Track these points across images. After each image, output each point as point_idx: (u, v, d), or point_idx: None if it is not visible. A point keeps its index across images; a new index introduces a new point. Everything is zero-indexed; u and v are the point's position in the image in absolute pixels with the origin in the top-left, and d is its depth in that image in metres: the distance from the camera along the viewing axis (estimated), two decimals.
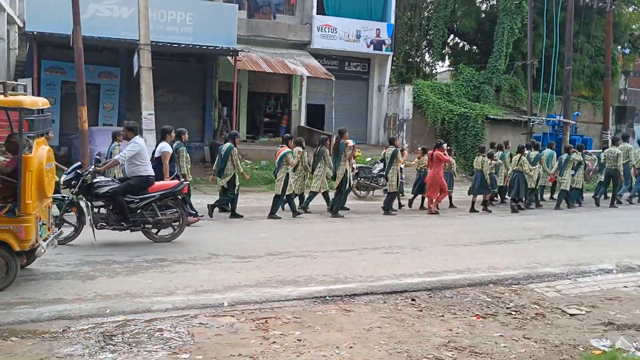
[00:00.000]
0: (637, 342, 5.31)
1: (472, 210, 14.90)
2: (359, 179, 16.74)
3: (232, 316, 5.78)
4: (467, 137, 24.27)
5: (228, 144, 12.63)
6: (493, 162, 15.26)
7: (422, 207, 15.11)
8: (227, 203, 12.64)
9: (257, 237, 10.28)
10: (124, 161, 9.33)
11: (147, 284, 6.78)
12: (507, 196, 16.22)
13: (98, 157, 10.07)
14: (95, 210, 9.13)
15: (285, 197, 12.90)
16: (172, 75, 21.84)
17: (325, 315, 5.92)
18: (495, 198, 16.36)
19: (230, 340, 5.12)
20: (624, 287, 7.59)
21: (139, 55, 15.66)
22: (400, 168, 14.53)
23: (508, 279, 7.71)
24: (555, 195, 17.15)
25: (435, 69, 33.80)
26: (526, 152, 15.63)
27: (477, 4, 32.37)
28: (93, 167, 9.33)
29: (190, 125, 22.68)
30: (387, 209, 13.87)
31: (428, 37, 31.70)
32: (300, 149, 13.52)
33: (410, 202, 15.34)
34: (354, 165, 15.47)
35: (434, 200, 14.31)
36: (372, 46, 25.81)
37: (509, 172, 15.63)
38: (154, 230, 9.47)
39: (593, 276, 8.14)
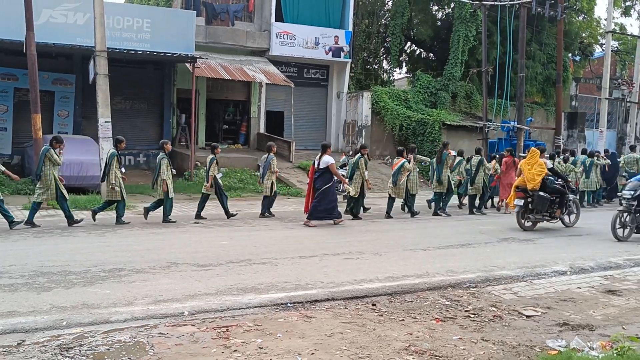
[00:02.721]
0: (591, 342, 5.45)
1: None
2: None
3: (192, 325, 5.73)
4: (424, 143, 24.64)
5: (358, 155, 14.44)
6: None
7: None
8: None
9: (217, 244, 10.21)
10: None
11: (105, 295, 6.66)
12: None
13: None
14: None
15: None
16: (129, 82, 21.57)
17: (286, 322, 5.91)
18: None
19: (191, 349, 5.07)
20: (578, 288, 7.80)
21: (95, 61, 15.42)
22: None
23: (466, 282, 7.84)
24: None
25: (393, 76, 34.19)
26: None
27: (433, 12, 32.89)
28: None
29: (148, 133, 22.51)
30: (479, 208, 16.47)
31: (385, 44, 32.08)
32: (411, 156, 15.10)
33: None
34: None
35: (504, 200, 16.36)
36: (330, 53, 26.00)
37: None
38: None
39: (548, 278, 8.33)
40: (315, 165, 13.07)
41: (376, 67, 33.28)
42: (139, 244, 10.10)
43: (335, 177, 13.14)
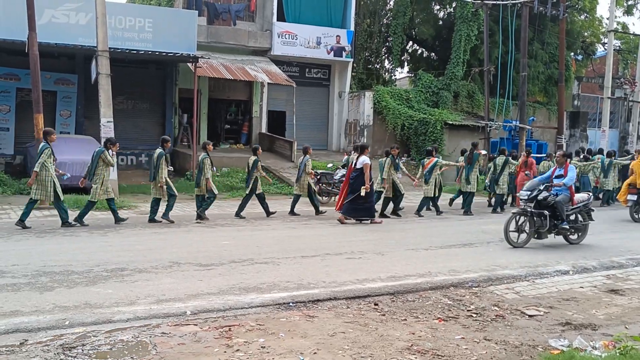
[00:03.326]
0: (594, 341, 5.44)
1: None
2: (320, 184, 16.80)
3: (195, 325, 5.73)
4: (426, 143, 24.61)
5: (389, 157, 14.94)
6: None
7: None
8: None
9: (219, 244, 10.22)
10: None
11: (107, 294, 6.67)
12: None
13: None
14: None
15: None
16: (131, 82, 21.58)
17: (288, 321, 5.91)
18: None
19: (193, 349, 5.08)
20: (580, 287, 7.79)
21: (97, 61, 15.44)
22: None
23: (468, 281, 7.83)
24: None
25: (395, 76, 34.21)
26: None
27: (435, 12, 32.86)
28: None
29: (150, 133, 22.50)
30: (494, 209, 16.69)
31: (387, 43, 32.06)
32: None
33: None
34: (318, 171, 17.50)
35: None
36: (332, 53, 26.00)
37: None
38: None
39: (550, 277, 8.32)
40: (353, 165, 13.62)
41: (378, 66, 33.28)
42: (141, 244, 10.12)
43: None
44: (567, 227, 10.91)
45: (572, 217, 11.13)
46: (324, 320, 5.97)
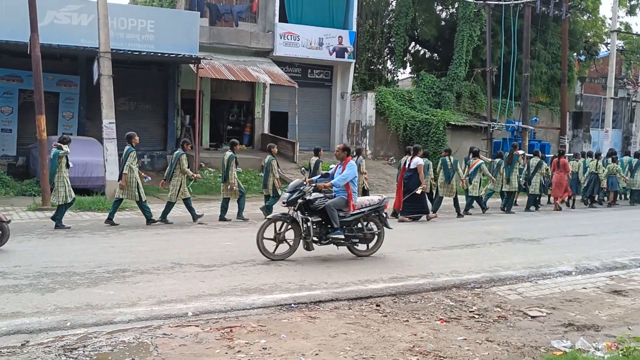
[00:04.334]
0: (597, 342, 5.42)
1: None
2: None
3: (196, 326, 5.72)
4: (429, 143, 24.58)
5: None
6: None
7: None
8: None
9: (221, 245, 10.21)
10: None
11: (109, 296, 6.67)
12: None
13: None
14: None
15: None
16: (134, 83, 21.59)
17: (290, 322, 5.90)
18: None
19: (195, 350, 5.07)
20: (583, 288, 7.77)
21: (99, 63, 15.45)
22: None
23: (471, 282, 7.81)
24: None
25: (397, 76, 34.13)
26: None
27: (437, 12, 32.82)
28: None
29: (153, 134, 22.52)
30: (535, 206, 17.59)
31: (389, 44, 32.02)
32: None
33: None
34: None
35: (559, 198, 17.79)
36: (334, 53, 25.99)
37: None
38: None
39: (553, 278, 8.30)
40: (407, 166, 14.37)
41: (380, 67, 33.24)
42: (142, 245, 10.12)
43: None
44: (342, 236, 8.95)
45: (359, 225, 9.29)
46: (325, 322, 5.96)
